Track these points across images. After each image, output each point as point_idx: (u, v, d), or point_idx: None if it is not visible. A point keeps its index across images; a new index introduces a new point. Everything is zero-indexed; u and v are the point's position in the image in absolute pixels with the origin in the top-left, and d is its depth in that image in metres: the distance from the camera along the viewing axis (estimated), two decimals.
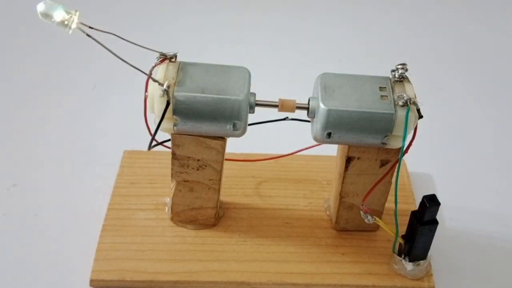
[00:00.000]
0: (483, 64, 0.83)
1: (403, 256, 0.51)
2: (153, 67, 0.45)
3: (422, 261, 0.51)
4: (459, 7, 0.95)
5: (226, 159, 0.50)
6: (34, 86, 0.73)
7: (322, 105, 0.45)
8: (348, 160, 0.49)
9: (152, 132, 0.47)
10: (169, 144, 0.49)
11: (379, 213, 0.52)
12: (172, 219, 0.54)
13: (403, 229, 0.50)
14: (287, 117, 0.51)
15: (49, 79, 0.75)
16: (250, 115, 0.46)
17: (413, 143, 0.47)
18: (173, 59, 0.46)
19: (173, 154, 0.49)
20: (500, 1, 0.97)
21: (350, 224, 0.54)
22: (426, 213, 0.48)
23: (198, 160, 0.49)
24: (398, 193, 0.46)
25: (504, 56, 0.85)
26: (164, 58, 0.46)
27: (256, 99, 0.47)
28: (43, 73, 0.76)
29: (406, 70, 0.47)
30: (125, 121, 0.68)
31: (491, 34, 0.90)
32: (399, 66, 0.47)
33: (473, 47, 0.87)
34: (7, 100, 0.71)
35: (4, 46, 0.80)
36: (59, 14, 0.42)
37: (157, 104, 0.44)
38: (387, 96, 0.46)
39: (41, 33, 0.80)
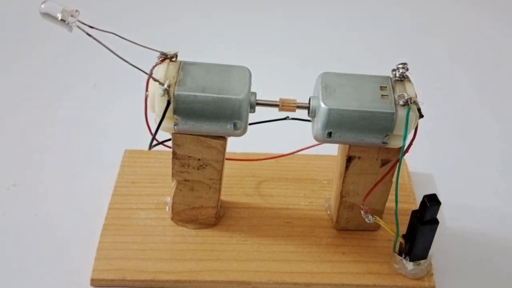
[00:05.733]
0: (484, 63, 0.83)
1: (403, 256, 0.51)
2: (154, 67, 0.45)
3: (422, 260, 0.51)
4: (460, 6, 0.95)
5: (226, 159, 0.50)
6: (34, 86, 0.73)
7: (322, 105, 0.45)
8: (349, 159, 0.49)
9: (153, 131, 0.47)
10: (169, 143, 0.49)
11: (379, 213, 0.52)
12: (172, 218, 0.54)
13: (403, 229, 0.50)
14: (288, 117, 0.51)
15: (49, 78, 0.75)
16: (250, 115, 0.46)
17: (413, 143, 0.47)
18: (174, 59, 0.46)
19: (174, 153, 0.49)
20: (501, 0, 0.97)
21: (350, 223, 0.54)
22: (427, 213, 0.48)
23: (199, 159, 0.49)
24: (398, 193, 0.46)
25: (505, 55, 0.85)
26: (165, 57, 0.46)
27: (257, 98, 0.47)
28: (44, 72, 0.76)
29: (407, 69, 0.47)
30: (125, 121, 0.68)
31: (492, 33, 0.90)
32: (400, 66, 0.47)
33: (474, 46, 0.87)
34: (7, 99, 0.71)
35: (4, 46, 0.80)
36: (60, 14, 0.42)
37: (157, 104, 0.44)
38: (387, 95, 0.46)
39: (42, 32, 0.80)
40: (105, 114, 0.69)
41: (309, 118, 0.48)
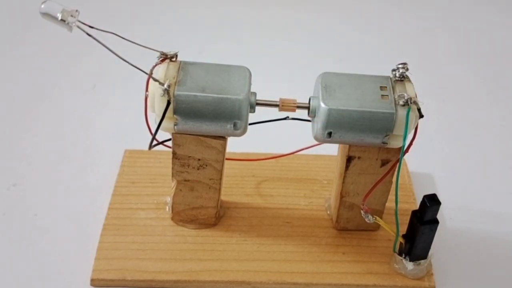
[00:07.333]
0: (484, 63, 0.83)
1: (403, 256, 0.51)
2: (154, 67, 0.45)
3: (422, 260, 0.51)
4: (460, 6, 0.95)
5: (226, 159, 0.50)
6: (34, 85, 0.73)
7: (322, 105, 0.45)
8: (349, 159, 0.49)
9: (153, 131, 0.47)
10: (169, 143, 0.50)
11: (379, 213, 0.52)
12: (172, 218, 0.54)
13: (403, 229, 0.50)
14: (288, 117, 0.51)
15: (49, 78, 0.75)
16: (250, 115, 0.46)
17: (413, 143, 0.47)
18: (174, 59, 0.46)
19: (174, 153, 0.49)
20: (501, 0, 0.97)
21: (350, 223, 0.54)
22: (427, 213, 0.48)
23: (199, 159, 0.49)
24: (398, 193, 0.46)
25: (505, 55, 0.85)
26: (165, 57, 0.46)
27: (257, 98, 0.47)
28: (44, 72, 0.76)
29: (407, 69, 0.47)
30: (125, 121, 0.68)
31: (492, 33, 0.90)
32: (400, 66, 0.47)
33: (474, 46, 0.87)
34: (6, 99, 0.71)
35: (4, 46, 0.80)
36: (60, 14, 0.42)
37: (157, 104, 0.44)
38: (387, 95, 0.46)
39: (42, 32, 0.80)
40: (105, 114, 0.69)
41: (309, 118, 0.48)
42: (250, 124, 0.47)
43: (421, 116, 0.45)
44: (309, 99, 0.47)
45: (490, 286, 0.53)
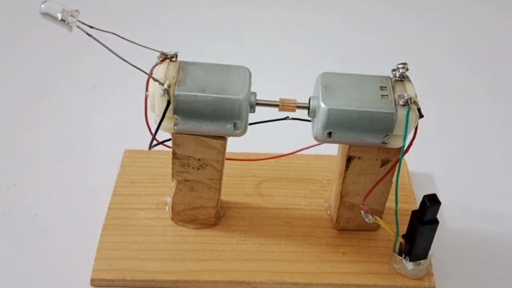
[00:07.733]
0: (484, 63, 0.83)
1: (403, 256, 0.51)
2: (154, 67, 0.45)
3: (422, 260, 0.51)
4: (460, 6, 0.95)
5: (226, 159, 0.50)
6: (34, 86, 0.73)
7: (322, 105, 0.45)
8: (349, 159, 0.49)
9: (153, 131, 0.47)
10: (169, 143, 0.50)
11: (379, 213, 0.52)
12: (172, 218, 0.54)
13: (403, 229, 0.50)
14: (288, 117, 0.51)
15: (49, 78, 0.75)
16: (250, 115, 0.46)
17: (413, 143, 0.47)
18: (174, 59, 0.46)
19: (174, 153, 0.49)
20: (501, 0, 0.97)
21: (350, 223, 0.54)
22: (427, 213, 0.48)
23: (199, 159, 0.49)
24: (398, 193, 0.46)
25: (505, 55, 0.85)
26: (165, 57, 0.46)
27: (257, 98, 0.47)
28: (44, 72, 0.76)
29: (407, 69, 0.47)
30: (125, 121, 0.68)
31: (492, 33, 0.90)
32: (400, 66, 0.47)
33: (474, 46, 0.87)
34: (6, 99, 0.71)
35: (4, 46, 0.80)
36: (60, 14, 0.42)
37: (157, 104, 0.44)
38: (387, 95, 0.46)
39: (42, 32, 0.80)
40: (105, 114, 0.69)
41: (309, 118, 0.48)
42: (250, 124, 0.47)
43: (421, 116, 0.45)
44: (309, 99, 0.47)
45: (490, 286, 0.53)
